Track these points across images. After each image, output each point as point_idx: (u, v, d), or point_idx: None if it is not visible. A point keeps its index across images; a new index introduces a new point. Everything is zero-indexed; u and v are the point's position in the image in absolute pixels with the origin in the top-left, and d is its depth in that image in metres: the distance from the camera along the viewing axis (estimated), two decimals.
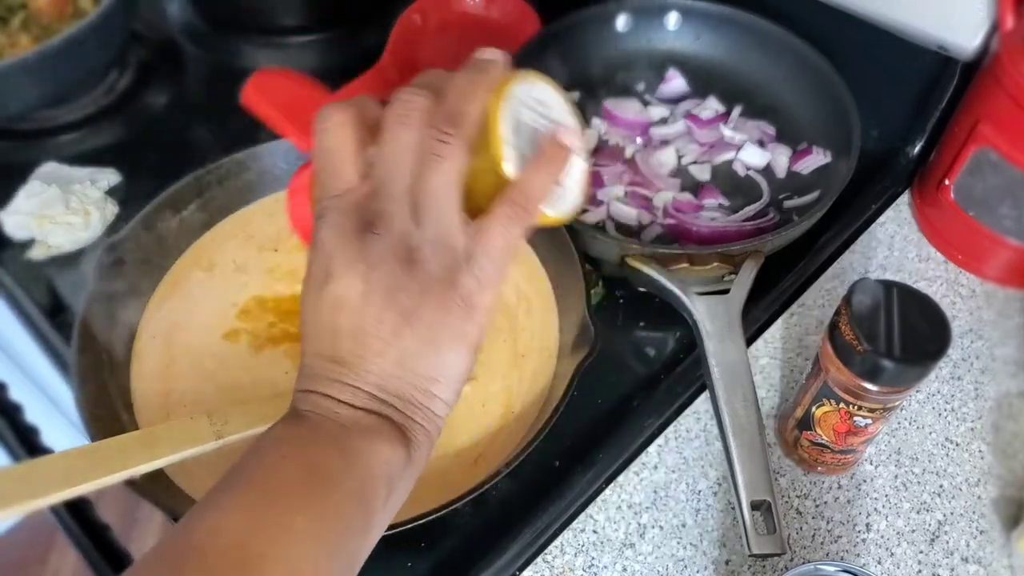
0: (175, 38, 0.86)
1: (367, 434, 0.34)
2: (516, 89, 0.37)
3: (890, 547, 0.50)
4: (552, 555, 0.50)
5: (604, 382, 0.57)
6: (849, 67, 0.66)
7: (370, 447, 0.33)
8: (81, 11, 0.75)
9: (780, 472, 0.53)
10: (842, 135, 0.64)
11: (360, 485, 0.33)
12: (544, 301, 0.58)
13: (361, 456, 0.33)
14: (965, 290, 0.63)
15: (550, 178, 0.37)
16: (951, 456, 0.54)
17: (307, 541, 0.31)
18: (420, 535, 0.50)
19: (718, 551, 0.50)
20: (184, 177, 0.59)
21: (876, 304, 0.43)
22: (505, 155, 0.36)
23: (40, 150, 0.73)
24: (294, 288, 0.60)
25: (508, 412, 0.53)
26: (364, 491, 0.33)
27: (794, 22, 0.70)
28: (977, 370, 0.58)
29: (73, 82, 0.73)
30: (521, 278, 0.59)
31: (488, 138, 0.35)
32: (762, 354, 0.59)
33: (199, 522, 0.31)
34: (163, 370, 0.55)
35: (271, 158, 0.63)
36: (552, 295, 0.58)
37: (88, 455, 0.43)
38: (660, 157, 0.67)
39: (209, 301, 0.58)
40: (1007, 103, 0.55)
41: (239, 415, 0.48)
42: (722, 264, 0.56)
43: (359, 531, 0.33)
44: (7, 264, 0.65)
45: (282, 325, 0.58)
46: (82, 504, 0.56)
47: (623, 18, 0.74)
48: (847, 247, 0.65)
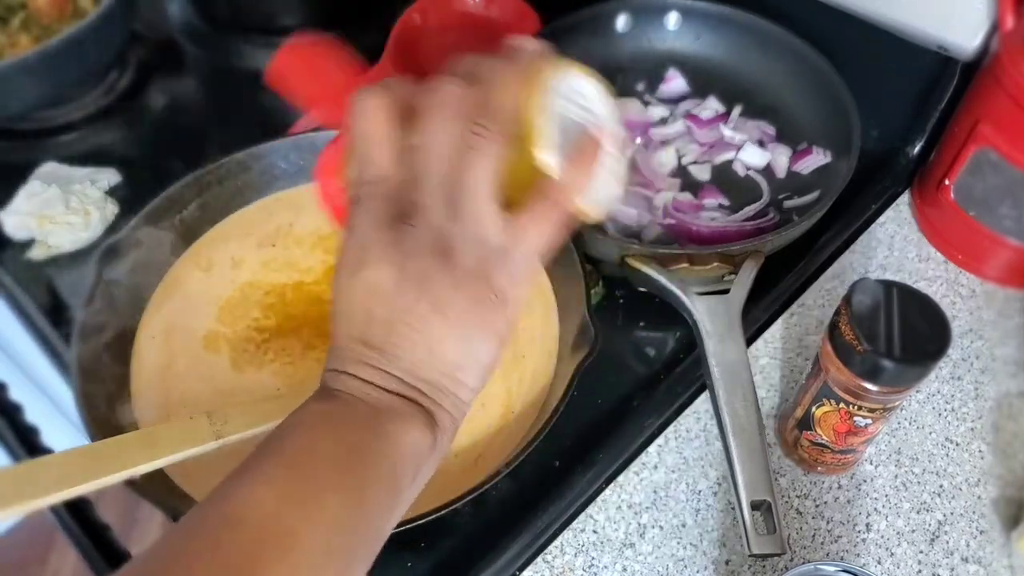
0: (175, 38, 0.86)
1: (397, 417, 0.34)
2: (553, 80, 0.36)
3: (890, 547, 0.50)
4: (552, 555, 0.50)
5: (604, 382, 0.57)
6: (849, 67, 0.66)
7: (400, 429, 0.34)
8: (81, 11, 0.75)
9: (780, 472, 0.53)
10: (842, 135, 0.64)
11: (390, 466, 0.33)
12: (544, 301, 0.58)
13: (392, 438, 0.34)
14: (965, 290, 0.63)
15: (587, 173, 0.36)
16: (951, 456, 0.54)
17: (339, 518, 0.31)
18: (420, 535, 0.50)
19: (718, 551, 0.50)
20: (184, 177, 0.59)
21: (876, 304, 0.43)
22: (542, 149, 0.35)
23: (40, 150, 0.73)
24: (292, 277, 0.60)
25: (508, 412, 0.53)
26: (394, 472, 0.33)
27: (794, 22, 0.70)
28: (977, 370, 0.58)
29: (73, 82, 0.73)
30: None
31: (525, 131, 0.35)
32: (762, 354, 0.59)
33: (233, 496, 0.31)
34: (162, 370, 0.55)
35: (271, 158, 0.63)
36: (552, 295, 0.58)
37: (88, 455, 0.43)
38: (660, 157, 0.67)
39: (206, 300, 0.58)
40: (1007, 103, 0.56)
41: (239, 415, 0.48)
42: (722, 264, 0.56)
43: (386, 510, 0.34)
44: (7, 264, 0.65)
45: (266, 321, 0.57)
46: (82, 504, 0.56)
47: (623, 18, 0.74)
48: (847, 247, 0.65)
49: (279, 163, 0.63)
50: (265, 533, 0.29)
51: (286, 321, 0.57)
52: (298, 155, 0.63)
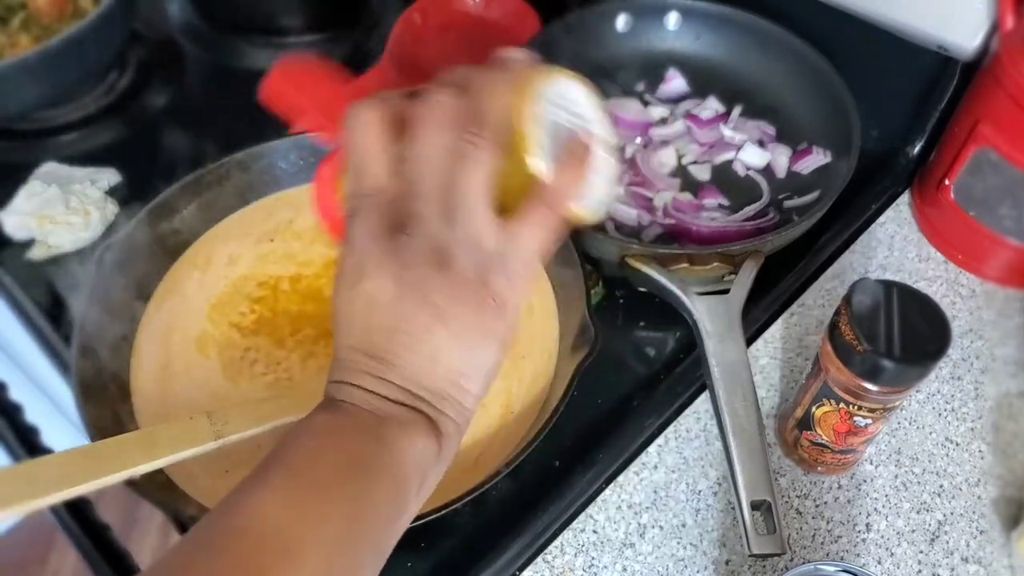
0: (175, 38, 0.86)
1: (402, 427, 0.34)
2: (543, 87, 0.36)
3: (890, 547, 0.50)
4: (552, 555, 0.50)
5: (604, 382, 0.57)
6: (849, 67, 0.66)
7: (406, 439, 0.34)
8: (81, 11, 0.75)
9: (780, 472, 0.53)
10: (842, 135, 0.64)
11: (396, 476, 0.34)
12: (545, 302, 0.58)
13: (397, 448, 0.34)
14: (965, 290, 0.63)
15: (579, 178, 0.37)
16: (951, 456, 0.54)
17: (346, 529, 0.31)
18: (420, 535, 0.50)
19: (718, 551, 0.50)
20: (184, 177, 0.59)
21: (876, 304, 0.43)
22: (534, 155, 0.36)
23: (40, 150, 0.73)
24: (289, 269, 0.59)
25: (508, 412, 0.53)
26: (399, 482, 0.34)
27: (794, 22, 0.70)
28: (977, 370, 0.58)
29: (73, 82, 0.73)
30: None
31: (517, 138, 0.35)
32: (762, 354, 0.59)
33: (238, 506, 0.31)
34: (160, 371, 0.55)
35: (271, 158, 0.63)
36: (552, 295, 0.58)
37: (88, 455, 0.43)
38: (660, 157, 0.67)
39: (201, 300, 0.58)
40: (1007, 103, 0.56)
41: (239, 415, 0.48)
42: (722, 264, 0.56)
43: (393, 520, 0.34)
44: (7, 264, 0.64)
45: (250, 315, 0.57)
46: (82, 504, 0.56)
47: (623, 18, 0.74)
48: (847, 247, 0.65)
49: (279, 163, 0.63)
50: (269, 543, 0.30)
51: (278, 317, 0.57)
52: (298, 155, 0.63)
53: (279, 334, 0.56)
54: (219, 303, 0.58)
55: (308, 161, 0.63)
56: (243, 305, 0.58)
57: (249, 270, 0.59)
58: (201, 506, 0.48)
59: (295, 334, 0.56)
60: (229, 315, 0.57)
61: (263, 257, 0.60)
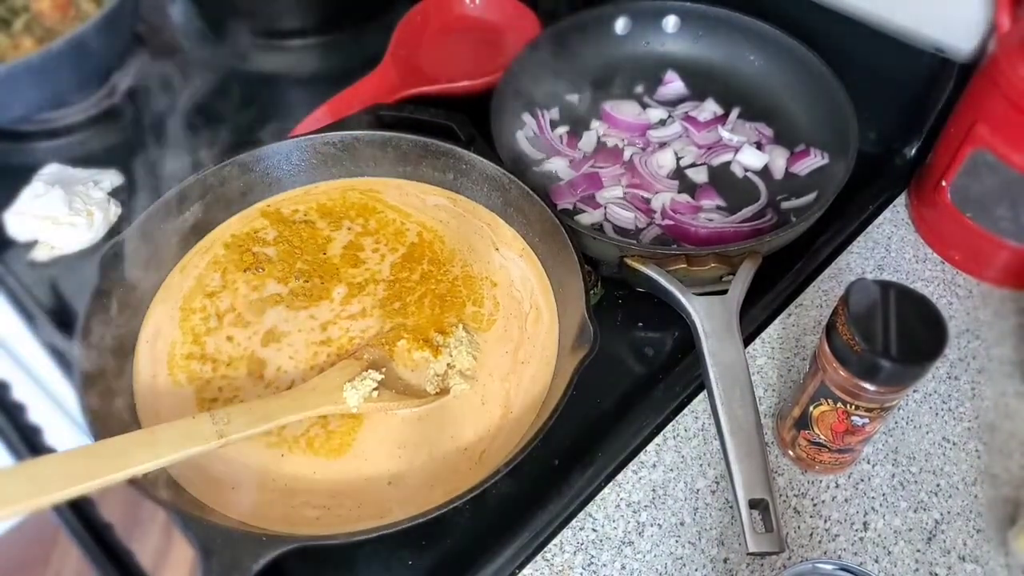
0: (177, 40, 0.86)
1: None
2: None
3: (887, 546, 0.51)
4: (551, 553, 0.50)
5: (603, 382, 0.57)
6: (846, 69, 0.66)
7: None
8: (84, 13, 0.75)
9: (778, 471, 0.54)
10: (839, 137, 0.64)
11: None
12: (549, 307, 0.58)
13: None
14: (962, 290, 0.63)
15: None
16: (948, 455, 0.55)
17: None
18: (421, 533, 0.51)
19: (716, 549, 0.50)
20: (187, 178, 0.60)
21: (873, 304, 0.44)
22: None
23: (43, 152, 0.73)
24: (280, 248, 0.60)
25: (507, 412, 0.53)
26: None
27: (792, 25, 0.70)
28: (974, 370, 0.59)
29: (76, 84, 0.74)
30: (538, 290, 0.59)
31: None
32: (760, 354, 0.59)
33: None
34: (152, 379, 0.55)
35: (274, 159, 0.63)
36: (552, 296, 0.59)
37: (90, 455, 0.43)
38: (658, 159, 0.68)
39: (180, 303, 0.58)
40: (1003, 105, 0.56)
41: (241, 414, 0.48)
42: (720, 265, 0.56)
43: None
44: (10, 265, 0.65)
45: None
46: (84, 503, 0.56)
47: (622, 21, 0.75)
48: (844, 248, 0.65)
49: (281, 165, 0.63)
50: None
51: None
52: (300, 156, 0.63)
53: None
54: (186, 299, 0.58)
55: (309, 163, 0.63)
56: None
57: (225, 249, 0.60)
58: (204, 506, 0.48)
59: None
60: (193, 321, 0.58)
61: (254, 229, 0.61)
